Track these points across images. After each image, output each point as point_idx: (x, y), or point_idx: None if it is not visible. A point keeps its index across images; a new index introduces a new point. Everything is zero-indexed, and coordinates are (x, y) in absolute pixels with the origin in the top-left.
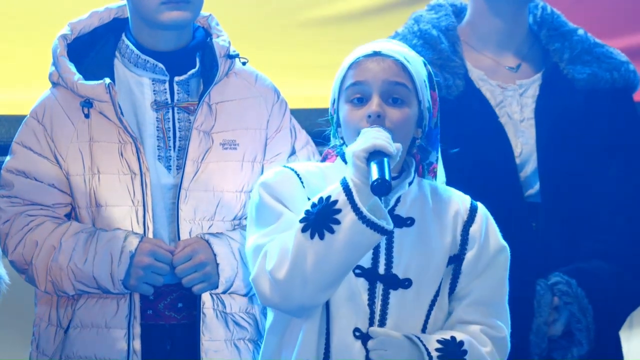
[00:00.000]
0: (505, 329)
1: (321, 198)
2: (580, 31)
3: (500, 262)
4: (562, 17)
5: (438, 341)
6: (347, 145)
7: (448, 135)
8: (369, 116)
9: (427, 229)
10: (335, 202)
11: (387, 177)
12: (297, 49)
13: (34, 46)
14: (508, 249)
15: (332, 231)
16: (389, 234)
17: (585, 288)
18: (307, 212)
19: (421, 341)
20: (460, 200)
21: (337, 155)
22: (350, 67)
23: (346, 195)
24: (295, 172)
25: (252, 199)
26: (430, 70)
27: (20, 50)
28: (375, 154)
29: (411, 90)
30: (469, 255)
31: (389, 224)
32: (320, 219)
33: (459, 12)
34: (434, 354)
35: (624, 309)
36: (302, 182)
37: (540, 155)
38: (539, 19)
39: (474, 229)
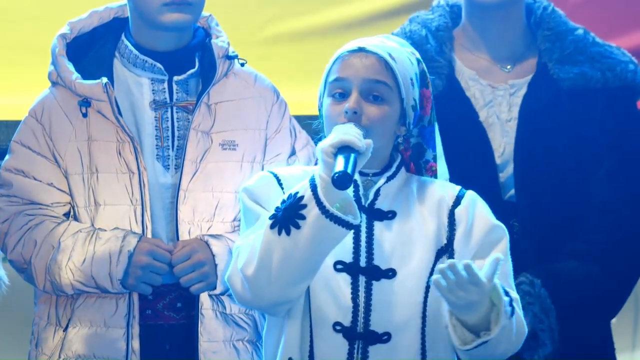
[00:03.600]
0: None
1: (290, 195)
2: (579, 31)
3: (496, 240)
4: (562, 16)
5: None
6: None
7: None
8: (346, 112)
9: (409, 220)
10: (302, 197)
11: (349, 170)
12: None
13: (33, 51)
14: (504, 227)
15: (297, 226)
16: (355, 229)
17: (549, 288)
18: (276, 208)
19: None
20: (446, 189)
21: None
22: (335, 62)
23: (312, 190)
24: (275, 175)
25: (240, 206)
26: (424, 68)
27: (19, 56)
28: (343, 149)
29: (392, 88)
30: (458, 234)
31: (355, 219)
32: (286, 215)
33: (459, 12)
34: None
35: (600, 309)
36: (280, 185)
37: (516, 155)
38: (538, 19)
39: (459, 210)
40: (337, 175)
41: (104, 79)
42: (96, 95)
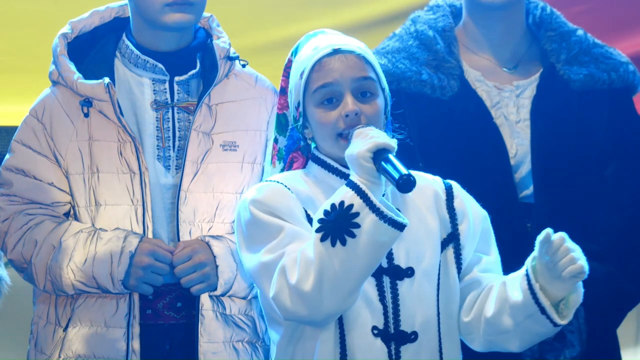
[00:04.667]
0: None
1: (333, 205)
2: (580, 32)
3: (488, 228)
4: (561, 17)
5: None
6: (317, 147)
7: (443, 135)
8: (347, 115)
9: (412, 216)
10: (351, 206)
11: (407, 171)
12: None
13: (34, 58)
14: (486, 213)
15: (353, 235)
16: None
17: None
18: (321, 220)
19: None
20: (434, 183)
21: (304, 158)
22: (312, 70)
23: (361, 197)
24: (281, 183)
25: (241, 218)
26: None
27: (20, 62)
28: (379, 152)
29: (376, 81)
30: (462, 228)
31: (404, 219)
32: (338, 226)
33: (457, 12)
34: None
35: (619, 310)
36: (290, 191)
37: (534, 156)
38: (538, 20)
39: (457, 204)
40: (402, 180)
41: (106, 79)
42: (98, 95)
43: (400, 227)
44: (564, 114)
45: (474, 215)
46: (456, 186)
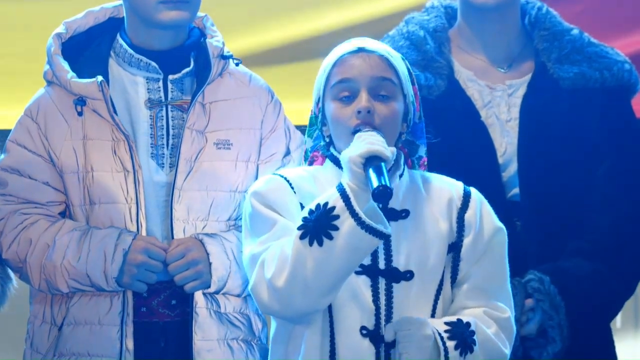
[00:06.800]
0: (508, 310)
1: (318, 204)
2: (575, 31)
3: (497, 244)
4: (556, 17)
5: (445, 323)
6: (334, 145)
7: (430, 134)
8: (359, 112)
9: (423, 219)
10: (333, 208)
11: (387, 182)
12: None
13: (34, 61)
14: (505, 230)
15: (330, 237)
16: (386, 238)
17: (558, 285)
18: (304, 219)
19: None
20: (453, 188)
21: (323, 157)
22: (334, 65)
23: (344, 201)
24: (286, 178)
25: (245, 210)
26: (408, 66)
27: (19, 65)
28: (372, 159)
29: (397, 85)
30: (466, 241)
31: (386, 228)
32: (318, 226)
33: (453, 13)
34: (444, 334)
35: (606, 307)
36: (292, 188)
37: (520, 155)
38: (533, 19)
39: (468, 215)
40: (378, 190)
41: (99, 78)
42: (91, 94)
43: (380, 235)
44: (553, 112)
45: (485, 227)
46: (475, 196)
